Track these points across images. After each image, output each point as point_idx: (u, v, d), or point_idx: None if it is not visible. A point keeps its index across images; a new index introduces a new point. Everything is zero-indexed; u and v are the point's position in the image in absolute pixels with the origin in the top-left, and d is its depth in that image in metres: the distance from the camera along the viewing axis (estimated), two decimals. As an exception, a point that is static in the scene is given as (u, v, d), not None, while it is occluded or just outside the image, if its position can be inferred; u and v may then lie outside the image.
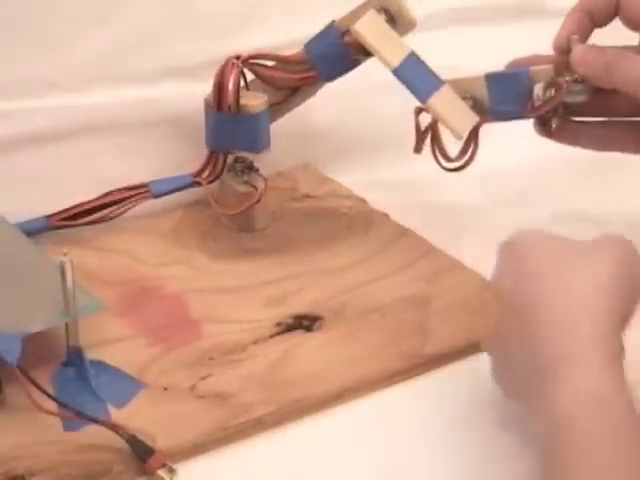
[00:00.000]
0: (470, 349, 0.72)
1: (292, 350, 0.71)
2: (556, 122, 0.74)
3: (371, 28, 0.76)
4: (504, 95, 0.73)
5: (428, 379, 0.70)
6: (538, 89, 0.72)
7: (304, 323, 0.74)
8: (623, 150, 0.74)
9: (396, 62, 0.74)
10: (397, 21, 0.78)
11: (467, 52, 0.98)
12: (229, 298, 0.77)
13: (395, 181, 0.76)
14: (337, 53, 0.79)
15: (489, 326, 0.63)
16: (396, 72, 0.74)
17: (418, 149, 0.75)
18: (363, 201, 0.89)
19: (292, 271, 0.79)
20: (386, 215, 0.87)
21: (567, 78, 0.71)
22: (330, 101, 0.83)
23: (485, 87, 0.73)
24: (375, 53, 0.76)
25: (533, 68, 0.72)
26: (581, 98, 0.71)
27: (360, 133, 0.95)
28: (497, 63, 0.96)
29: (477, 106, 0.74)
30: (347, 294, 0.77)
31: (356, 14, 0.78)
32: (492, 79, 0.73)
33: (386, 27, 0.77)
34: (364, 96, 0.84)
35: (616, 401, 0.55)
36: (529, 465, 0.62)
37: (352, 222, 0.86)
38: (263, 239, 0.84)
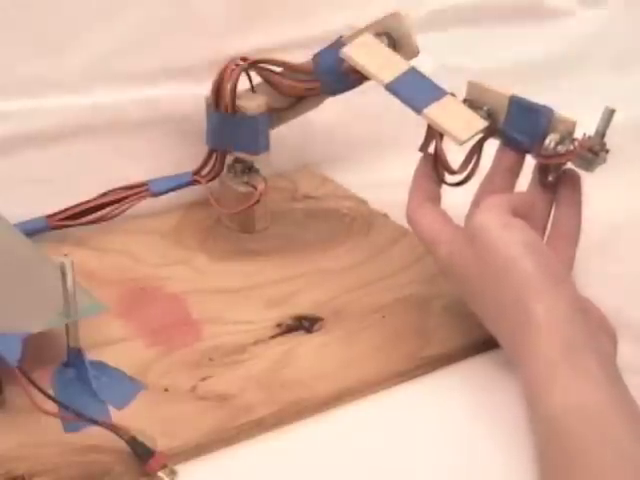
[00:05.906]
0: (470, 350, 0.72)
1: (292, 351, 0.71)
2: (554, 176, 0.73)
3: (362, 51, 0.77)
4: (520, 123, 0.72)
5: (428, 380, 0.70)
6: (551, 139, 0.70)
7: (304, 324, 0.74)
8: None
9: (388, 79, 0.74)
10: (400, 48, 0.78)
11: (467, 52, 0.98)
12: (229, 299, 0.77)
13: (395, 181, 0.76)
14: (340, 71, 0.79)
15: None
16: (388, 88, 0.74)
17: (422, 148, 0.75)
18: (363, 202, 0.89)
19: (292, 272, 0.79)
20: (386, 215, 0.87)
21: (584, 143, 0.69)
22: (330, 102, 0.83)
23: (505, 107, 0.72)
24: (366, 73, 0.76)
25: (558, 113, 0.71)
26: (589, 169, 0.70)
27: (360, 134, 0.95)
28: (497, 63, 0.97)
29: (489, 120, 0.73)
30: (347, 295, 0.77)
31: (360, 34, 0.78)
32: (515, 103, 0.72)
33: (381, 47, 0.77)
34: (364, 97, 0.84)
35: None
36: (529, 465, 0.62)
37: (352, 223, 0.86)
38: (263, 240, 0.84)
